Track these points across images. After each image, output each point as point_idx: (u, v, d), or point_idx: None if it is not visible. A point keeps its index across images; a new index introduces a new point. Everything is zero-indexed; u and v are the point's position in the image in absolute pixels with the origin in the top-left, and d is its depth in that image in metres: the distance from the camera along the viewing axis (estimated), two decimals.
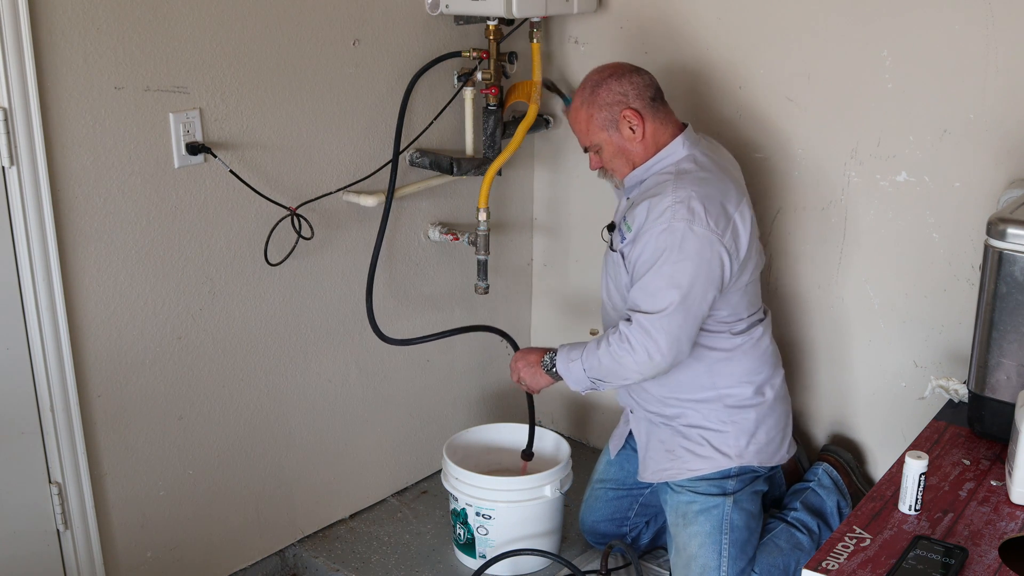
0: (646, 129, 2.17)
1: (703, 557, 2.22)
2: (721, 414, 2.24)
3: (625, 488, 2.47)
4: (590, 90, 2.19)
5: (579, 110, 2.21)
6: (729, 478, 2.25)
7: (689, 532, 2.25)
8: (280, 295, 2.41)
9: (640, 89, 2.17)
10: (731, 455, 2.24)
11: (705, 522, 2.23)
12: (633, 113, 2.15)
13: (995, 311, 1.81)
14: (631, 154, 2.20)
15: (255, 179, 2.27)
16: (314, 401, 2.57)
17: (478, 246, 2.64)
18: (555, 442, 2.63)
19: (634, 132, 2.17)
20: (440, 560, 2.57)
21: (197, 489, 2.36)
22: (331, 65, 2.36)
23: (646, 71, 2.22)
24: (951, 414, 2.03)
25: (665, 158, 2.18)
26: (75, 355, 2.06)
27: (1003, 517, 1.68)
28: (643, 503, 2.48)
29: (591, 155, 2.26)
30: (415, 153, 2.59)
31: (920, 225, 2.33)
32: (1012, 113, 2.15)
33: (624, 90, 2.16)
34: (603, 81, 2.18)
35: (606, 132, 2.19)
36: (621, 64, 2.22)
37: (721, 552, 2.22)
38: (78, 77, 1.94)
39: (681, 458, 2.27)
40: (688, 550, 2.25)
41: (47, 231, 1.95)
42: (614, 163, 2.23)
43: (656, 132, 2.18)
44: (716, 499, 2.23)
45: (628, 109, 2.16)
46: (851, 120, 2.37)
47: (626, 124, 2.16)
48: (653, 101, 2.19)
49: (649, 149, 2.19)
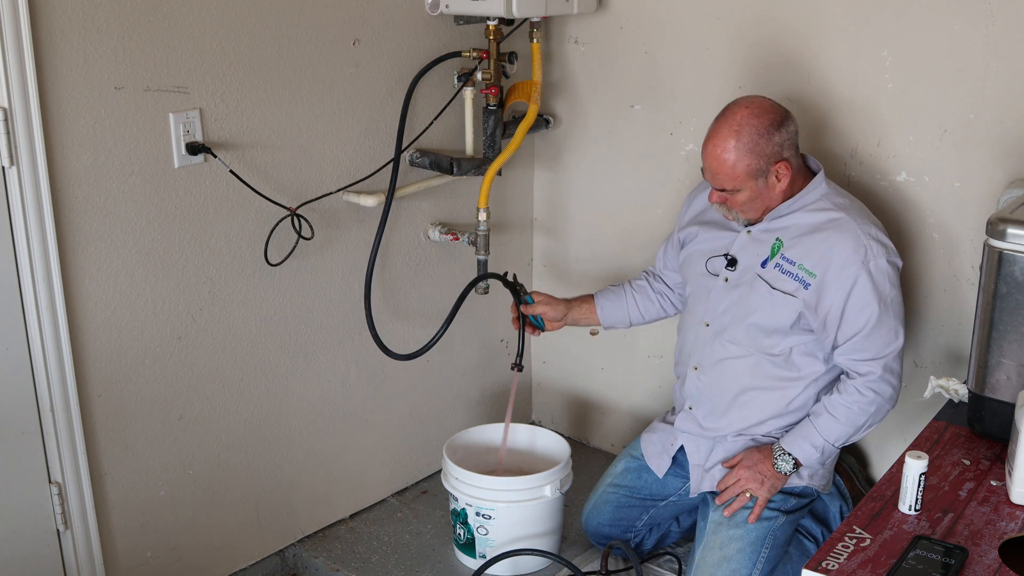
0: (788, 178, 2.12)
1: (737, 562, 2.18)
2: None
3: (638, 498, 2.44)
4: (751, 139, 2.06)
5: (730, 152, 2.06)
6: (793, 496, 2.24)
7: (732, 534, 2.21)
8: (280, 295, 2.41)
9: (793, 138, 2.11)
10: (804, 475, 2.23)
11: (753, 530, 2.19)
12: (785, 165, 2.09)
13: (995, 311, 1.81)
14: (768, 200, 2.14)
15: (255, 179, 2.27)
16: (314, 401, 2.57)
17: (478, 246, 2.64)
18: (555, 442, 2.63)
19: (779, 181, 2.11)
20: (440, 560, 2.57)
21: (197, 489, 2.36)
22: (331, 65, 2.36)
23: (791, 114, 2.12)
24: (951, 414, 2.03)
25: (812, 190, 2.15)
26: (75, 355, 2.06)
27: (1003, 517, 1.67)
28: (653, 514, 2.45)
29: (718, 192, 2.15)
30: (415, 153, 2.59)
31: (920, 225, 2.33)
32: (1012, 113, 2.15)
33: (782, 140, 2.08)
34: (767, 131, 2.06)
35: (754, 180, 2.09)
36: (775, 107, 2.10)
37: (756, 563, 2.19)
38: (78, 77, 1.94)
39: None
40: (724, 550, 2.20)
41: (47, 231, 1.95)
42: (747, 206, 2.14)
43: (794, 179, 2.14)
44: (772, 512, 2.21)
45: (782, 162, 2.09)
46: (851, 120, 2.37)
47: (774, 175, 2.10)
48: (796, 148, 2.14)
49: (785, 194, 2.15)
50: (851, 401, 2.12)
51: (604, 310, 2.52)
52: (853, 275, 2.07)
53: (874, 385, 2.11)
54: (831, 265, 2.08)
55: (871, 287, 2.07)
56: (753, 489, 2.20)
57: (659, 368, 2.89)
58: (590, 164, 2.88)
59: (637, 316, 2.52)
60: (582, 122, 2.86)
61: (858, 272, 2.07)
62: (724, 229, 2.27)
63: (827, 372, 2.21)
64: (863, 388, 2.11)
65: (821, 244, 2.10)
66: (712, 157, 2.10)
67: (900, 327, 2.12)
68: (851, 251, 2.07)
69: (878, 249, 2.08)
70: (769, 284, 2.16)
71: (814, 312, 2.12)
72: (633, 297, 2.51)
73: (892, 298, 2.10)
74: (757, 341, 2.20)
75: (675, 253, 2.42)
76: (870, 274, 2.07)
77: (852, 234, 2.08)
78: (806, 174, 2.19)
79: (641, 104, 2.73)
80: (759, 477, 2.19)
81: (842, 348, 2.12)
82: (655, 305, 2.51)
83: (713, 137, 2.10)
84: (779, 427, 2.25)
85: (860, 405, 2.11)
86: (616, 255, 2.89)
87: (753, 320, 2.19)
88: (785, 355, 2.19)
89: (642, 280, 2.53)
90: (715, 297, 2.26)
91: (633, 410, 3.01)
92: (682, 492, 2.40)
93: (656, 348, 2.88)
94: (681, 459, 2.39)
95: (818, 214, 2.13)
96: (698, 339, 2.31)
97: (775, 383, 2.22)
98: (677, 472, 2.40)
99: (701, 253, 2.30)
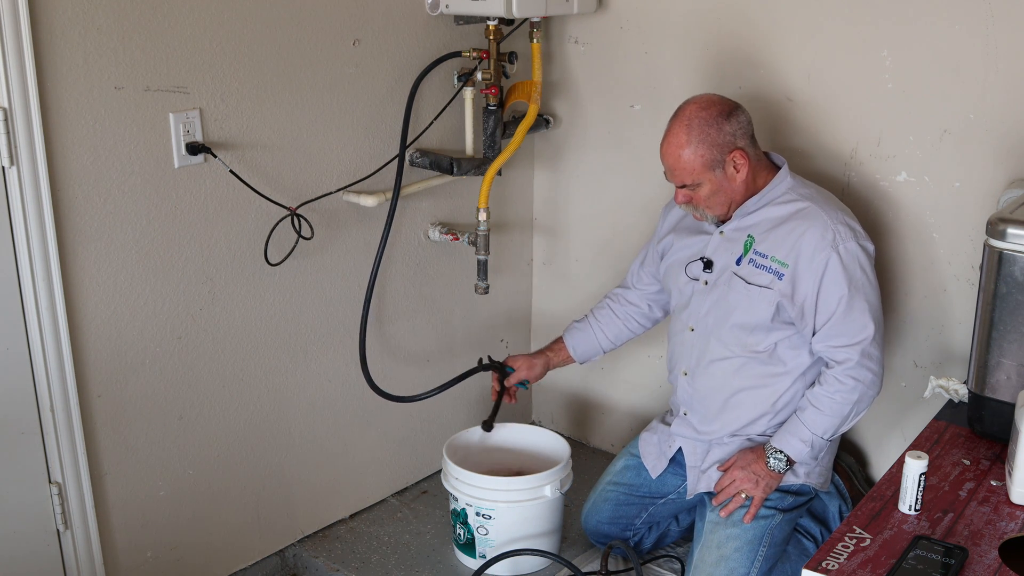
0: (747, 169, 2.15)
1: (735, 561, 2.19)
2: None
3: (637, 496, 2.45)
4: (701, 129, 2.11)
5: (684, 147, 2.12)
6: (789, 494, 2.24)
7: (729, 533, 2.22)
8: (280, 295, 2.41)
9: (745, 128, 2.15)
10: (800, 473, 2.23)
11: (750, 528, 2.20)
12: (741, 154, 2.13)
13: (995, 311, 1.81)
14: (730, 192, 2.16)
15: (255, 179, 2.27)
16: (314, 401, 2.57)
17: (478, 246, 2.64)
18: (555, 442, 2.63)
19: (737, 171, 2.14)
20: (440, 560, 2.57)
21: (197, 489, 2.36)
22: (331, 65, 2.36)
23: (741, 106, 2.17)
24: (951, 414, 2.03)
25: (778, 183, 2.18)
26: (75, 355, 2.06)
27: (1003, 517, 1.67)
28: (652, 512, 2.46)
29: (681, 191, 2.18)
30: (415, 153, 2.59)
31: (920, 225, 2.33)
32: (1012, 113, 2.15)
33: (734, 130, 2.12)
34: (714, 121, 2.11)
35: (711, 172, 2.13)
36: (724, 100, 2.15)
37: (754, 561, 2.20)
38: (78, 77, 1.94)
39: None
40: (722, 549, 2.21)
41: (47, 231, 1.95)
42: (711, 201, 2.17)
43: (755, 168, 2.17)
44: (769, 510, 2.22)
45: (737, 150, 2.13)
46: (851, 120, 2.37)
47: (731, 164, 2.13)
48: (752, 139, 2.17)
49: (748, 187, 2.17)
50: (833, 391, 2.12)
51: (576, 349, 2.55)
52: (824, 259, 2.09)
53: (853, 372, 2.11)
54: (802, 253, 2.11)
55: (841, 269, 2.08)
56: (748, 489, 2.20)
57: (659, 368, 2.89)
58: (590, 164, 2.88)
59: (607, 343, 2.54)
60: (582, 122, 2.86)
61: (828, 255, 2.08)
62: (699, 234, 2.30)
63: (813, 364, 2.21)
64: (842, 377, 2.11)
65: (791, 234, 2.12)
66: (668, 154, 2.15)
67: (873, 312, 2.11)
68: (819, 236, 2.09)
69: (846, 232, 2.10)
70: (745, 280, 2.18)
71: (791, 301, 2.13)
72: (599, 327, 2.53)
73: (862, 281, 2.10)
74: (741, 340, 2.21)
75: (653, 265, 2.45)
76: (840, 256, 2.08)
77: (820, 220, 2.10)
78: (770, 169, 2.21)
79: (641, 104, 2.73)
80: (753, 477, 2.20)
81: (818, 335, 2.14)
82: (623, 328, 2.53)
83: (667, 136, 2.16)
84: (772, 425, 2.25)
85: (842, 394, 2.12)
86: (616, 255, 2.89)
87: (734, 319, 2.21)
88: (770, 351, 2.20)
89: (604, 307, 2.55)
90: (696, 301, 2.28)
91: (633, 410, 3.01)
92: (681, 490, 2.40)
93: (656, 348, 2.88)
94: (679, 458, 2.39)
95: (786, 206, 2.16)
96: (684, 345, 2.33)
97: (763, 380, 2.23)
98: (676, 470, 2.40)
99: (679, 262, 2.33)
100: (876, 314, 2.12)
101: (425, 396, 2.59)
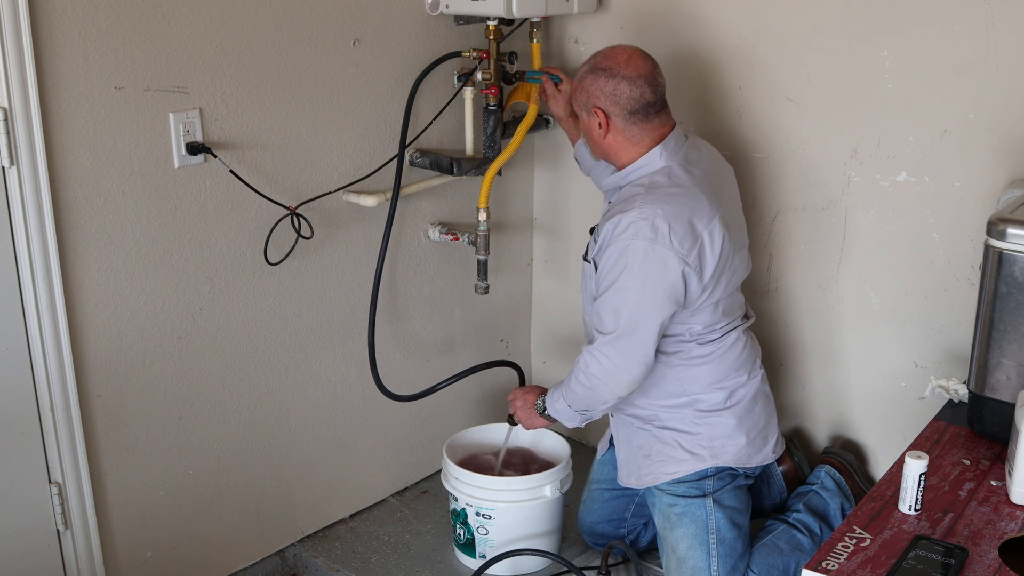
0: (609, 135, 2.17)
1: (692, 559, 2.22)
2: (693, 417, 2.24)
3: (620, 489, 2.46)
4: (587, 68, 2.18)
5: (575, 77, 2.24)
6: (707, 479, 2.24)
7: (676, 535, 2.25)
8: (280, 295, 2.41)
9: (620, 99, 2.13)
10: (705, 456, 2.23)
11: (690, 524, 2.23)
12: (601, 113, 2.16)
13: (995, 311, 1.81)
14: (596, 142, 2.21)
15: (255, 179, 2.27)
16: (314, 401, 2.57)
17: (478, 246, 2.64)
18: (555, 442, 2.63)
19: (600, 128, 2.17)
20: (440, 560, 2.57)
21: (197, 489, 2.36)
22: (331, 65, 2.36)
23: (645, 84, 2.13)
24: (951, 414, 2.03)
25: (640, 168, 2.17)
26: (75, 355, 2.06)
27: (1003, 517, 1.68)
28: (639, 503, 2.47)
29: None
30: (415, 153, 2.59)
31: (920, 225, 2.33)
32: (1012, 113, 2.15)
33: (604, 90, 2.14)
34: (596, 69, 2.16)
35: (582, 111, 2.22)
36: (630, 61, 2.14)
37: (709, 552, 2.22)
38: (78, 77, 1.94)
39: (657, 461, 2.27)
40: (678, 552, 2.25)
41: (47, 231, 1.95)
42: (586, 139, 2.26)
43: (623, 143, 2.18)
44: (696, 500, 2.23)
45: (598, 108, 2.16)
46: (851, 120, 2.37)
47: (595, 118, 2.17)
48: (631, 115, 2.14)
49: (614, 152, 2.19)
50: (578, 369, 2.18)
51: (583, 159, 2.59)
52: (616, 245, 2.07)
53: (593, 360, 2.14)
54: (612, 235, 2.09)
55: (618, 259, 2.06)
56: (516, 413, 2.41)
57: None
58: None
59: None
60: None
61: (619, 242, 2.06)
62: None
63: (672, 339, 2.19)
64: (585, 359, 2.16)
65: (615, 220, 2.10)
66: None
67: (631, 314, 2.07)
68: (625, 225, 2.06)
69: (646, 230, 2.04)
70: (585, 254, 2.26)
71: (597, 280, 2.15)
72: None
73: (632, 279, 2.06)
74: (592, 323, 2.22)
75: None
76: (626, 248, 2.05)
77: (635, 211, 2.06)
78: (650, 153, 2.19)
79: None
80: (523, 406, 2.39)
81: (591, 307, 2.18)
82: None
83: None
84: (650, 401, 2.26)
85: (582, 376, 2.17)
86: None
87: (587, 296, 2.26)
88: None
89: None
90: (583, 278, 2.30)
91: None
92: None
93: None
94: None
95: (633, 188, 2.15)
96: (584, 323, 2.36)
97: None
98: None
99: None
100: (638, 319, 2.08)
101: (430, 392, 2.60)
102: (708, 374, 2.22)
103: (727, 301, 2.22)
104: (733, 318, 2.26)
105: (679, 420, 2.25)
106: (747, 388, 2.27)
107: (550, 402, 2.29)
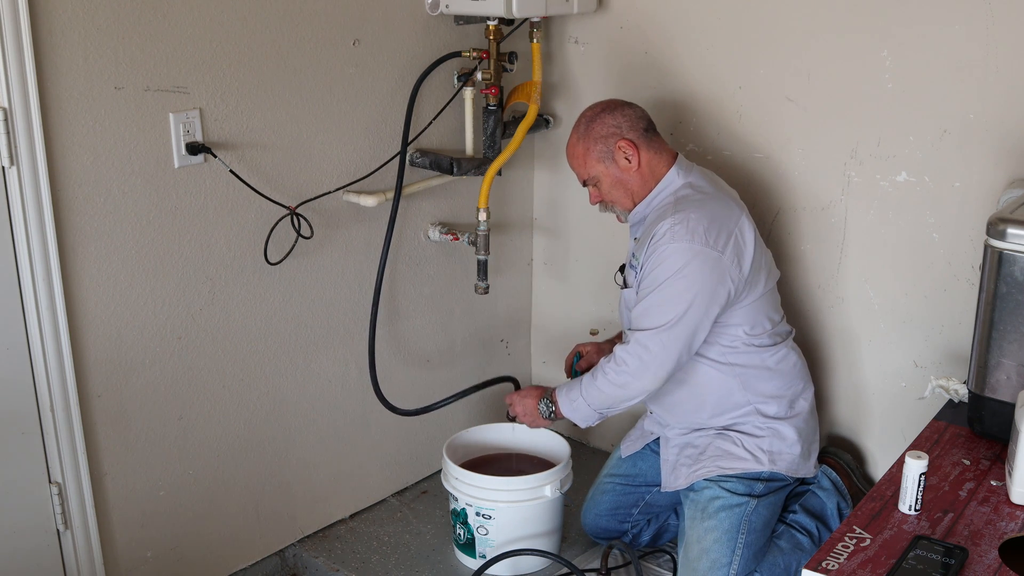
0: (641, 158, 2.24)
1: (716, 552, 2.23)
2: (759, 422, 2.28)
3: (633, 485, 2.48)
4: (585, 125, 2.27)
5: (576, 145, 2.28)
6: (759, 481, 2.27)
7: (707, 526, 2.25)
8: (280, 294, 2.41)
9: (632, 121, 2.25)
10: (764, 460, 2.26)
11: (726, 519, 2.24)
12: (628, 143, 2.23)
13: (995, 311, 1.81)
14: (629, 184, 2.26)
15: (255, 179, 2.27)
16: (314, 401, 2.57)
17: (478, 246, 2.64)
18: (555, 442, 2.63)
19: (630, 162, 2.24)
20: (440, 560, 2.57)
21: (197, 489, 2.36)
22: (331, 65, 2.36)
23: (637, 105, 2.29)
24: (951, 414, 2.03)
25: (663, 190, 2.25)
26: (75, 355, 2.06)
27: (1003, 517, 1.68)
28: (648, 502, 2.48)
29: (590, 189, 2.33)
30: (415, 153, 2.59)
31: (920, 225, 2.33)
32: (1012, 113, 2.15)
33: (617, 122, 2.24)
34: (596, 116, 2.26)
35: (603, 164, 2.26)
36: (612, 100, 2.30)
37: (735, 550, 2.23)
38: (78, 77, 1.94)
39: (712, 456, 2.29)
40: (702, 543, 2.25)
41: (47, 231, 1.95)
42: (613, 194, 2.29)
43: (652, 161, 2.26)
44: (742, 498, 2.24)
45: (622, 140, 2.22)
46: (851, 120, 2.37)
47: (622, 155, 2.23)
48: (646, 132, 2.26)
49: (647, 180, 2.26)
50: (608, 367, 2.20)
51: None
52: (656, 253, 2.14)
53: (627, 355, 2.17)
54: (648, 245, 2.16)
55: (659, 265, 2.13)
56: (519, 417, 2.41)
57: None
58: None
59: None
60: None
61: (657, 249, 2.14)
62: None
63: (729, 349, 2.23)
64: (618, 355, 2.19)
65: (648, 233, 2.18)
66: (568, 156, 2.33)
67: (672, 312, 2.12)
68: (662, 233, 2.14)
69: (681, 232, 2.12)
70: (624, 284, 2.31)
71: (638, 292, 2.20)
72: None
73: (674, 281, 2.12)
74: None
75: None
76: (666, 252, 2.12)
77: (669, 219, 2.14)
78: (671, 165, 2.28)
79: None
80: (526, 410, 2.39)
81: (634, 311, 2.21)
82: None
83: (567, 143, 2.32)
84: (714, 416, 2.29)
85: (612, 374, 2.20)
86: (615, 255, 2.89)
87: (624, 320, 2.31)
88: None
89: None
90: (623, 306, 2.37)
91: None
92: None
93: None
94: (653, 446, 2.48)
95: (660, 209, 2.22)
96: None
97: (684, 375, 2.26)
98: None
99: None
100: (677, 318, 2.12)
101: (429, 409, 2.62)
102: (770, 384, 2.28)
103: (769, 300, 2.28)
104: (780, 319, 2.33)
105: (745, 424, 2.29)
106: (805, 399, 2.33)
107: (564, 405, 2.30)
